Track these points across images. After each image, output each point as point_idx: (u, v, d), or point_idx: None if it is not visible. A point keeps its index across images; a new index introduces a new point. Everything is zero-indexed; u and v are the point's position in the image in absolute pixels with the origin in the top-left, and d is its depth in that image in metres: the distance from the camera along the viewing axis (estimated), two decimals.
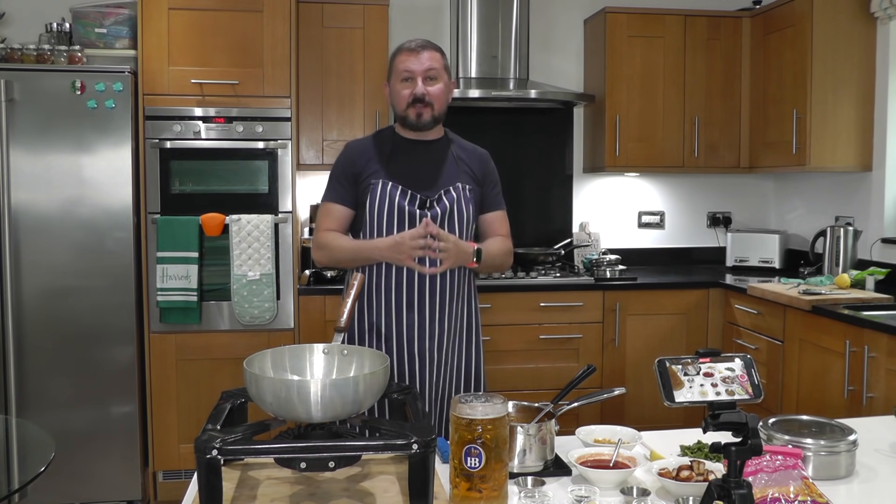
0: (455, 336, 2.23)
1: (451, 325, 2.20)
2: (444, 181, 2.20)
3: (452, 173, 2.22)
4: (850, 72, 3.70)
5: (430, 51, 2.17)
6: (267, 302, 3.41)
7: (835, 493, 1.44)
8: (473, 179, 2.25)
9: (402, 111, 2.19)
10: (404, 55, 2.17)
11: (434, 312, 2.16)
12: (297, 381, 1.47)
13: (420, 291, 2.15)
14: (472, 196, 2.23)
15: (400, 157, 2.21)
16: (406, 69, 2.16)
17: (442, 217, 2.16)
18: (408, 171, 2.19)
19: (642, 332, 3.83)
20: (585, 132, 4.39)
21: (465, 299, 2.25)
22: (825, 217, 4.08)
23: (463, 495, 1.39)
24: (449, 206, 2.17)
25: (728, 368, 1.32)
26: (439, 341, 2.18)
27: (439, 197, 2.18)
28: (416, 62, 2.15)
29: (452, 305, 2.20)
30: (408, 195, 2.15)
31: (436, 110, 2.19)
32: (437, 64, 2.18)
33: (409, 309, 2.15)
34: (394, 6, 4.03)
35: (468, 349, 2.27)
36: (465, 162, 2.26)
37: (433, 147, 2.25)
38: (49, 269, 3.29)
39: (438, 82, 2.18)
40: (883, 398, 2.77)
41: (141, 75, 3.37)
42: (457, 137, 2.33)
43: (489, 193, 2.30)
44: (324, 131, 3.79)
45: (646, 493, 1.41)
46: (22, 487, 1.97)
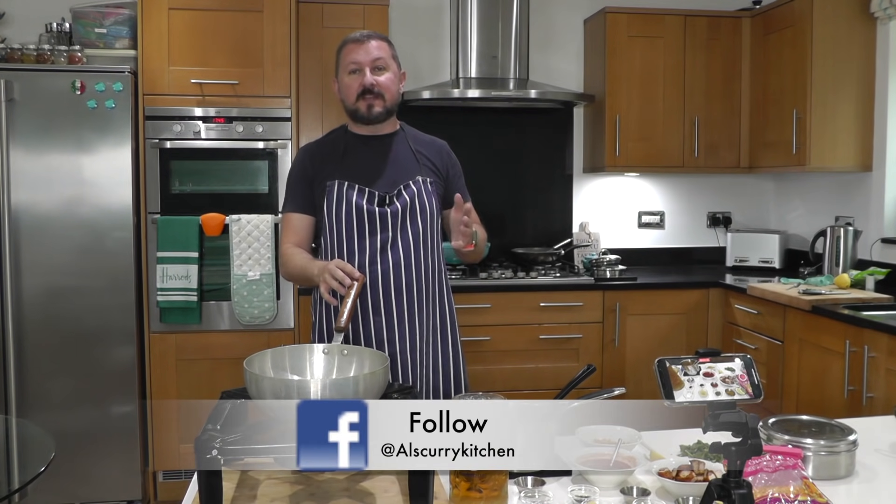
0: (428, 336, 2.15)
1: (421, 325, 2.12)
2: (402, 176, 2.12)
3: (411, 167, 2.14)
4: (850, 72, 3.70)
5: (376, 40, 2.09)
6: (267, 302, 3.41)
7: (835, 493, 1.44)
8: (434, 172, 2.17)
9: (351, 104, 2.10)
10: (350, 46, 2.09)
11: (402, 313, 2.09)
12: (297, 381, 1.47)
13: (385, 293, 2.08)
14: (434, 189, 2.15)
15: (354, 155, 2.14)
16: (353, 60, 2.07)
17: (403, 213, 2.08)
18: (363, 169, 2.11)
19: (642, 332, 3.83)
20: (585, 132, 4.39)
21: (434, 297, 2.16)
22: (825, 217, 4.08)
23: (463, 495, 1.39)
24: (409, 202, 2.09)
25: (728, 368, 1.32)
26: (411, 343, 2.10)
27: (399, 192, 2.10)
28: (363, 53, 2.07)
29: (421, 305, 2.12)
30: (365, 193, 2.08)
31: (387, 101, 2.10)
32: (384, 53, 2.09)
33: (376, 312, 2.07)
34: (394, 6, 4.03)
35: (444, 349, 2.18)
36: (425, 154, 2.18)
37: (388, 141, 2.17)
38: (49, 269, 3.29)
39: (387, 72, 2.09)
40: (883, 398, 2.77)
41: (141, 75, 3.37)
42: (413, 130, 2.24)
43: (454, 186, 2.21)
44: (324, 131, 3.75)
45: (646, 493, 1.41)
46: (22, 487, 1.97)
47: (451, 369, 2.20)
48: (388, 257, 2.07)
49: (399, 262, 2.08)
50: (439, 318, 2.19)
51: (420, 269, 2.12)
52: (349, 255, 2.08)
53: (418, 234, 2.11)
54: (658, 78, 4.11)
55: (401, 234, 2.09)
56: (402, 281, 2.09)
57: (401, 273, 2.08)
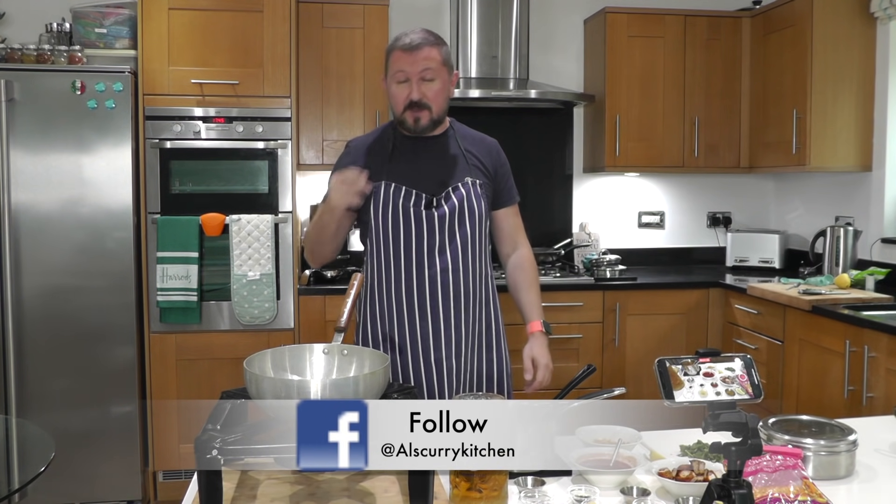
0: (474, 342, 2.12)
1: (468, 330, 2.09)
2: (451, 178, 2.07)
3: (460, 169, 2.09)
4: (850, 72, 3.70)
5: (426, 48, 1.99)
6: (267, 302, 3.41)
7: (835, 493, 1.44)
8: (484, 173, 2.12)
9: (399, 114, 2.05)
10: (398, 54, 2.00)
11: (449, 319, 2.05)
12: (297, 381, 1.47)
13: (432, 298, 2.04)
14: (483, 191, 2.09)
15: (402, 156, 2.08)
16: (400, 70, 2.00)
17: (451, 216, 2.04)
18: (411, 171, 2.06)
19: (642, 332, 3.83)
20: (585, 132, 4.39)
21: (482, 302, 2.13)
22: (825, 217, 4.08)
23: (463, 495, 1.39)
24: (458, 205, 2.05)
25: (728, 368, 1.32)
26: (457, 349, 2.07)
27: (447, 195, 2.05)
28: (411, 62, 1.98)
29: (468, 310, 2.08)
30: (412, 196, 2.03)
31: (434, 113, 2.04)
32: (433, 63, 2.00)
33: (423, 317, 2.04)
34: (394, 6, 4.03)
35: (489, 354, 2.14)
36: (474, 155, 2.12)
37: (437, 142, 2.11)
38: (49, 269, 3.28)
39: (436, 82, 2.02)
40: (883, 398, 2.77)
41: (141, 75, 3.37)
42: (463, 127, 2.18)
43: (503, 186, 2.17)
44: (324, 131, 3.79)
45: (646, 493, 1.41)
46: (22, 487, 1.97)
47: (496, 374, 2.15)
48: (436, 261, 2.03)
49: (447, 266, 2.04)
50: (485, 324, 2.15)
51: (468, 273, 2.08)
52: (396, 259, 2.04)
53: (467, 237, 2.07)
54: (658, 78, 4.11)
55: (449, 239, 2.05)
56: (449, 285, 2.05)
57: (448, 278, 2.04)
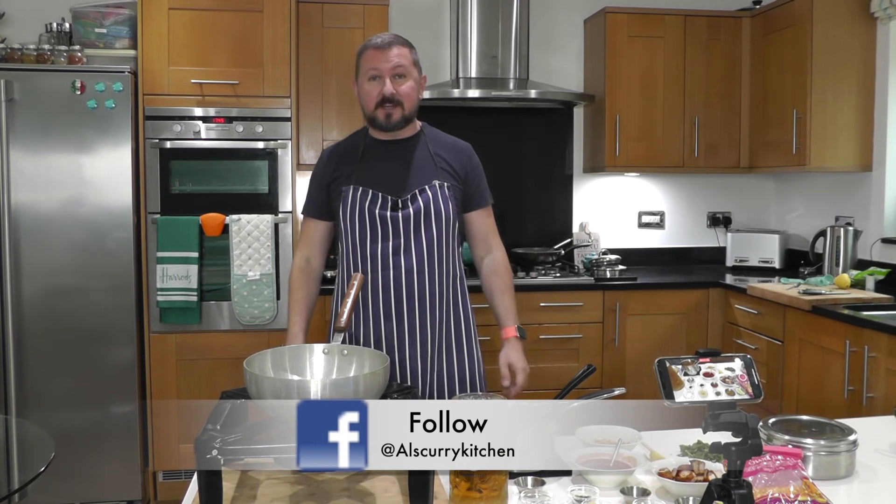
0: (441, 343, 2.13)
1: (434, 332, 2.11)
2: (417, 180, 2.09)
3: (427, 171, 2.11)
4: (850, 72, 3.70)
5: (398, 47, 2.06)
6: (267, 302, 3.41)
7: (835, 493, 1.44)
8: (453, 176, 2.14)
9: (370, 112, 2.08)
10: (371, 52, 2.06)
11: (413, 320, 2.08)
12: (297, 381, 1.47)
13: (396, 299, 2.07)
14: (451, 193, 2.11)
15: (371, 160, 2.12)
16: (373, 67, 2.05)
17: (416, 218, 2.06)
18: (378, 174, 2.10)
19: (642, 332, 3.83)
20: (585, 132, 4.39)
21: (449, 304, 2.15)
22: (825, 217, 4.08)
23: (463, 495, 1.39)
24: (423, 207, 2.07)
25: (728, 368, 1.32)
26: (422, 350, 2.09)
27: (413, 197, 2.07)
28: (384, 60, 2.04)
29: (434, 311, 2.10)
30: (378, 199, 2.06)
31: (406, 109, 2.07)
32: (405, 61, 2.06)
33: (387, 318, 2.07)
34: (394, 6, 4.03)
35: (459, 355, 2.17)
36: (444, 158, 2.14)
37: (406, 145, 2.14)
38: (49, 269, 3.28)
39: (408, 80, 2.07)
40: (883, 398, 2.77)
41: (141, 75, 3.37)
42: (434, 131, 2.20)
43: (474, 189, 2.19)
44: (324, 131, 3.79)
45: (646, 493, 1.41)
46: (22, 487, 1.97)
47: (468, 375, 2.17)
48: (400, 262, 2.06)
49: (412, 267, 2.07)
50: (454, 325, 2.16)
51: (434, 274, 2.10)
52: (363, 261, 2.08)
53: (433, 239, 2.09)
54: (658, 78, 4.11)
55: (414, 240, 2.07)
56: (414, 286, 2.07)
57: (413, 279, 2.07)
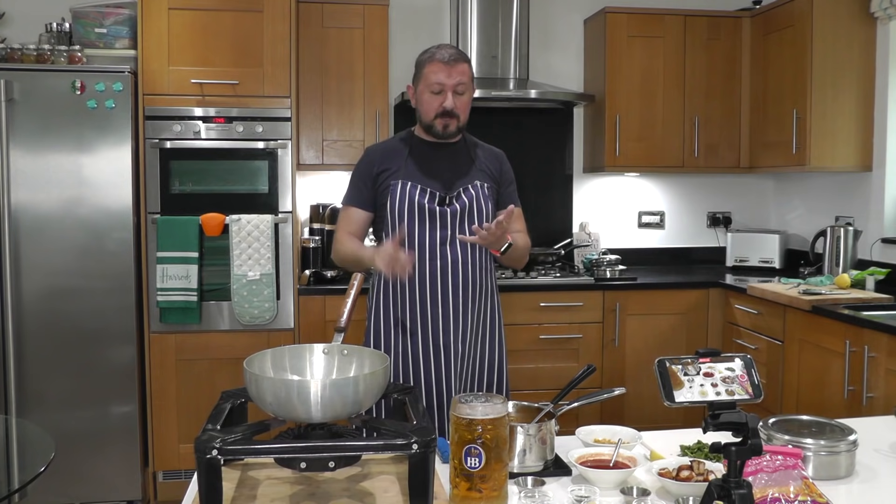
0: (478, 330, 2.30)
1: (473, 319, 2.27)
2: (462, 179, 2.27)
3: (471, 172, 2.29)
4: (850, 72, 3.70)
5: (462, 64, 2.21)
6: (267, 302, 3.41)
7: (835, 493, 1.44)
8: (491, 177, 2.33)
9: (429, 120, 2.25)
10: (437, 66, 2.20)
11: (458, 307, 2.23)
12: (297, 381, 1.47)
13: (443, 287, 2.23)
14: (490, 193, 2.30)
15: (418, 159, 2.28)
16: (438, 81, 2.20)
17: (461, 213, 2.23)
18: (426, 171, 2.26)
19: (642, 332, 3.83)
20: (585, 132, 4.39)
21: (487, 295, 2.32)
22: (825, 217, 4.08)
23: (463, 495, 1.39)
24: (468, 203, 2.25)
25: (728, 368, 1.32)
26: (462, 335, 2.25)
27: (458, 194, 2.25)
28: (449, 76, 2.19)
29: (475, 300, 2.27)
30: (427, 193, 2.22)
31: (461, 121, 2.25)
32: (466, 78, 2.22)
33: (433, 304, 2.22)
34: (394, 6, 4.03)
35: (490, 343, 2.34)
36: (483, 161, 2.34)
37: (451, 148, 2.31)
38: (49, 269, 3.28)
39: (466, 95, 2.24)
40: (883, 398, 2.77)
41: (141, 75, 3.37)
42: (472, 138, 2.39)
43: (505, 191, 2.38)
44: (324, 131, 3.79)
45: (646, 493, 1.41)
46: (22, 487, 1.97)
47: (497, 362, 2.35)
48: (447, 253, 2.22)
49: (457, 259, 2.23)
50: (489, 314, 2.34)
51: (476, 267, 2.27)
52: (410, 250, 2.19)
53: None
54: (658, 78, 4.11)
55: (459, 234, 2.23)
56: (458, 277, 2.23)
57: (458, 269, 2.23)
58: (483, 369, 2.33)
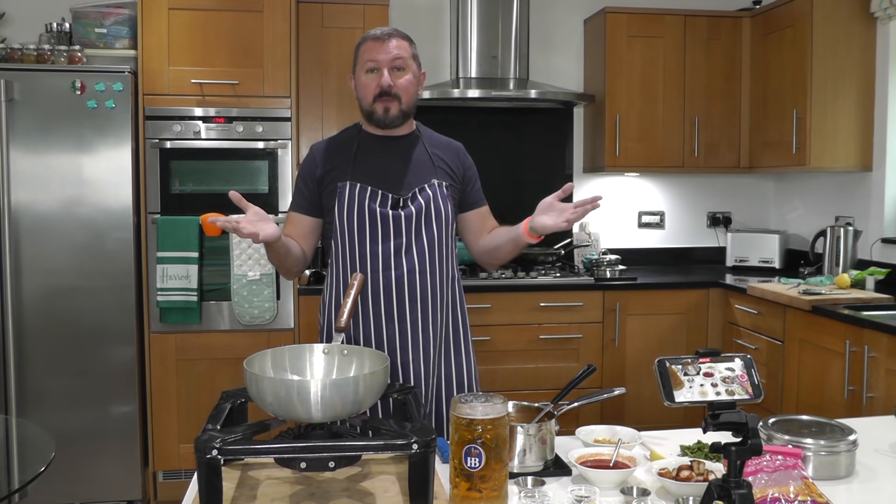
0: (440, 345, 2.08)
1: (434, 334, 2.06)
2: (416, 179, 2.04)
3: (426, 170, 2.06)
4: (850, 72, 3.70)
5: (397, 39, 1.99)
6: (267, 302, 3.41)
7: (835, 493, 1.44)
8: (450, 176, 2.09)
9: (368, 105, 2.02)
10: (369, 44, 2.00)
11: (416, 322, 2.02)
12: (297, 381, 1.47)
13: (398, 300, 2.01)
14: (449, 193, 2.07)
15: (367, 156, 2.05)
16: (371, 59, 1.98)
17: (417, 217, 2.01)
18: (376, 170, 2.03)
19: (642, 332, 3.83)
20: (585, 132, 4.39)
21: (448, 306, 2.10)
22: (825, 217, 4.08)
23: (463, 495, 1.39)
24: (424, 205, 2.01)
25: (728, 368, 1.32)
26: (424, 352, 2.04)
27: (413, 196, 2.01)
28: (382, 51, 1.97)
29: (434, 313, 2.05)
30: (378, 196, 1.99)
31: (403, 104, 2.01)
32: (404, 53, 1.99)
33: (388, 320, 2.01)
34: (394, 6, 4.03)
35: (457, 356, 2.11)
36: (441, 157, 2.10)
37: (403, 143, 2.08)
38: (49, 269, 3.28)
39: (406, 73, 2.00)
40: (883, 398, 2.77)
41: (141, 75, 3.37)
42: (428, 131, 2.16)
43: (471, 189, 2.16)
44: (324, 131, 3.79)
45: (646, 493, 1.41)
46: (22, 487, 1.97)
47: (465, 376, 2.12)
48: (402, 262, 2.00)
49: (413, 267, 2.00)
50: (452, 326, 2.11)
51: (435, 275, 2.04)
52: (361, 260, 2.01)
53: (433, 239, 2.03)
54: (658, 78, 4.11)
55: (415, 239, 2.01)
56: (416, 287, 2.01)
57: (415, 279, 2.01)
58: (451, 385, 2.09)
